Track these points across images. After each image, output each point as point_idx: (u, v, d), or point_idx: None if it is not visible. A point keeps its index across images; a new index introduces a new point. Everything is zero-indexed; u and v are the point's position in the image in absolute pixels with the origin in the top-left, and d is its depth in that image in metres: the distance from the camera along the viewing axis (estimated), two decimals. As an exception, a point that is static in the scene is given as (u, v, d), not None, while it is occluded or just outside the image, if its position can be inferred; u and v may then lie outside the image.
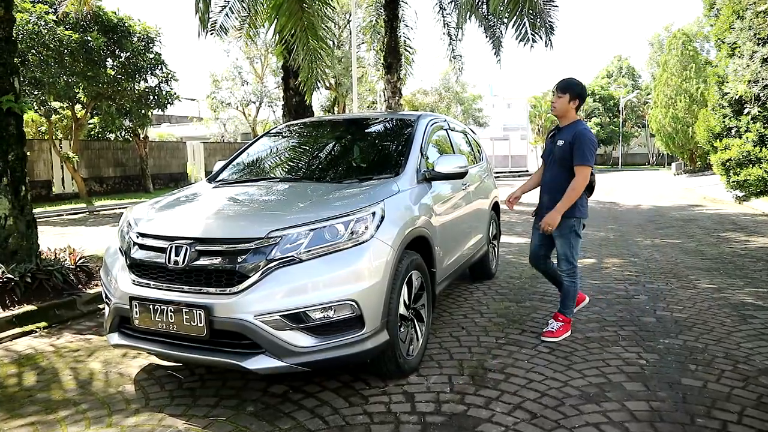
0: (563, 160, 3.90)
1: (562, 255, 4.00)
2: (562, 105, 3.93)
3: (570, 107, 3.92)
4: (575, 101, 3.91)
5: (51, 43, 14.12)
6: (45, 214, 13.96)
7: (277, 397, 3.07)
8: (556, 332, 3.97)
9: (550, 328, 4.00)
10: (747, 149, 14.30)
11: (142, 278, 3.00)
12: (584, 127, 3.90)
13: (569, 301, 4.06)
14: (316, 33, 7.64)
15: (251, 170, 4.36)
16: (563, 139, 3.90)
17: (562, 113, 3.97)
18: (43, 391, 3.24)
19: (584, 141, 3.79)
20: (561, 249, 4.01)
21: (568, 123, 3.96)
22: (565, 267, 4.02)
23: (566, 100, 3.91)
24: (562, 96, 3.92)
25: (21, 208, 5.16)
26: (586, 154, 3.79)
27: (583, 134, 3.81)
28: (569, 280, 4.04)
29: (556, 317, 4.08)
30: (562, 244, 3.99)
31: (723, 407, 2.90)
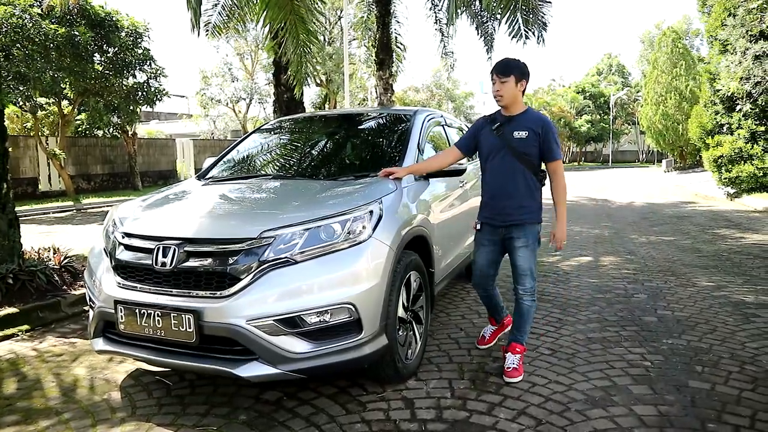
0: (526, 155, 3.22)
1: (527, 270, 3.27)
2: (509, 90, 3.20)
3: (519, 91, 3.23)
4: (522, 82, 3.23)
5: (36, 37, 13.83)
6: (31, 212, 13.69)
7: (270, 405, 2.94)
8: (519, 368, 3.24)
9: (512, 365, 3.24)
10: (739, 146, 14.32)
11: (128, 281, 2.85)
12: (543, 114, 3.36)
13: (527, 326, 3.36)
14: (306, 26, 7.50)
15: (242, 167, 4.21)
16: (524, 129, 3.21)
17: (510, 100, 3.23)
18: (24, 399, 3.08)
19: (554, 132, 3.24)
20: (525, 263, 3.27)
21: (519, 111, 3.28)
22: (530, 285, 3.29)
23: (512, 84, 3.19)
24: (506, 80, 3.18)
25: (2, 206, 4.98)
26: (558, 146, 3.25)
27: (551, 124, 3.26)
28: (530, 300, 3.32)
29: (513, 349, 3.30)
30: (527, 256, 3.27)
31: (734, 411, 2.80)
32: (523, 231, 3.26)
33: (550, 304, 4.79)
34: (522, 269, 3.28)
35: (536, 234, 3.31)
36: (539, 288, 5.35)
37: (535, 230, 3.30)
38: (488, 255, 3.41)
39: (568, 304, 4.77)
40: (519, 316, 3.35)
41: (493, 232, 3.35)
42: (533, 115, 3.28)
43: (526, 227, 3.26)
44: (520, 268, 3.28)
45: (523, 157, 3.22)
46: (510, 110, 3.29)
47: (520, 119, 3.25)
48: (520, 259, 3.27)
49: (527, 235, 3.26)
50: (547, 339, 3.90)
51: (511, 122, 3.26)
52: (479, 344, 3.72)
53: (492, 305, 3.67)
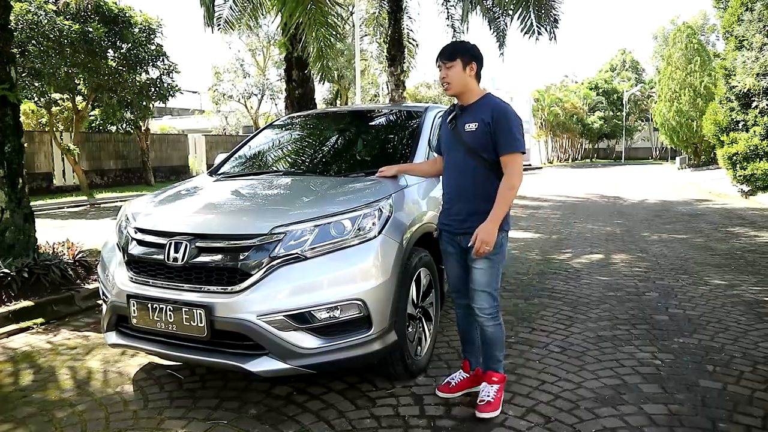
0: (479, 150, 2.75)
1: (484, 286, 2.76)
2: (456, 76, 2.78)
3: (468, 76, 2.79)
4: (473, 66, 2.79)
5: (51, 33, 13.96)
6: (45, 206, 13.85)
7: (280, 399, 2.96)
8: (495, 401, 2.77)
9: (487, 398, 2.78)
10: (754, 143, 14.15)
11: (141, 275, 2.88)
12: (500, 100, 2.83)
13: (499, 351, 2.86)
14: (326, 21, 7.48)
15: (254, 163, 4.23)
16: (474, 120, 2.76)
17: (460, 87, 2.80)
18: (39, 391, 3.13)
19: (511, 119, 2.70)
20: (481, 277, 2.76)
21: (474, 99, 2.83)
22: (486, 303, 2.77)
23: (459, 68, 2.77)
24: (452, 64, 2.77)
25: (18, 201, 5.05)
26: (517, 137, 2.69)
27: (506, 110, 2.73)
28: (493, 323, 2.80)
29: (489, 378, 2.85)
30: (486, 270, 2.75)
31: (746, 411, 2.78)
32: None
33: (560, 301, 4.78)
34: (478, 284, 2.78)
35: (500, 243, 2.76)
36: (550, 285, 5.34)
37: (499, 239, 2.74)
38: (457, 264, 2.94)
39: (579, 302, 4.75)
40: (483, 342, 2.89)
41: (453, 239, 2.89)
42: (488, 103, 2.79)
43: None
44: (475, 283, 2.78)
45: (475, 153, 2.76)
46: (464, 99, 2.86)
47: (474, 109, 2.81)
48: (475, 272, 2.78)
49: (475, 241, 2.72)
50: (557, 336, 3.89)
51: (464, 113, 2.85)
52: (439, 390, 3.00)
53: (466, 332, 3.06)
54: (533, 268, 6.12)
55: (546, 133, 48.04)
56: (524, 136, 2.80)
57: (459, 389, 2.99)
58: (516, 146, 2.69)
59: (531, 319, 4.31)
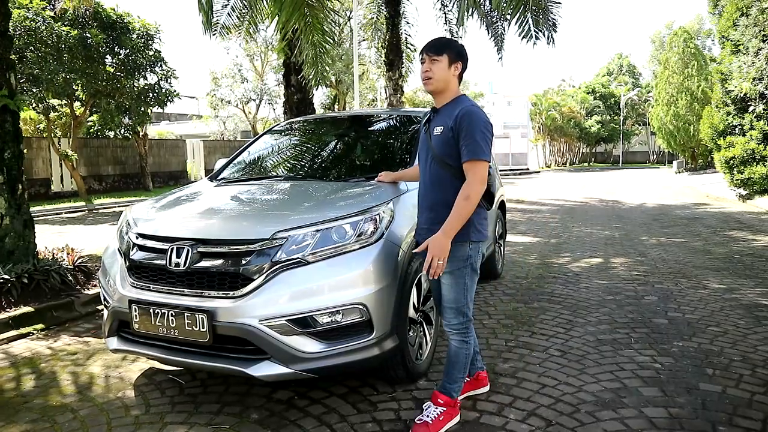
0: (445, 157, 2.59)
1: (451, 302, 2.64)
2: (440, 72, 2.60)
3: (452, 75, 2.63)
4: (457, 65, 2.63)
5: (49, 39, 13.98)
6: (44, 212, 13.84)
7: (282, 404, 2.97)
8: (433, 424, 2.60)
9: (425, 418, 2.64)
10: (751, 147, 14.21)
11: (142, 281, 2.89)
12: (471, 103, 2.62)
13: (457, 372, 2.71)
14: (322, 27, 7.52)
15: (254, 168, 4.25)
16: (441, 124, 2.61)
17: (442, 84, 2.63)
18: (40, 397, 3.13)
19: (474, 122, 2.49)
20: (449, 292, 2.64)
21: (448, 101, 2.66)
22: (454, 319, 2.65)
23: (445, 65, 2.60)
24: (438, 58, 2.60)
25: (18, 207, 5.05)
26: (479, 143, 2.48)
27: (471, 112, 2.52)
28: (459, 339, 2.69)
29: (435, 398, 2.71)
30: (452, 284, 2.62)
31: (745, 414, 2.79)
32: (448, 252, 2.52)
33: (560, 305, 4.79)
34: (445, 299, 2.67)
35: (464, 257, 2.60)
36: (550, 289, 5.35)
37: (463, 252, 2.59)
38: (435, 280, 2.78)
39: (578, 306, 4.77)
40: (447, 358, 2.75)
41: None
42: (456, 105, 2.61)
43: (451, 247, 2.51)
44: (444, 299, 2.68)
45: (443, 163, 2.60)
46: (440, 99, 2.69)
47: (442, 112, 2.66)
48: (443, 287, 2.66)
49: (451, 259, 2.54)
50: (557, 340, 3.91)
51: (435, 116, 2.71)
52: None
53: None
54: (532, 272, 6.13)
55: (543, 137, 48.15)
56: (491, 143, 2.56)
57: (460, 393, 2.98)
58: (475, 153, 2.47)
59: (531, 322, 4.32)
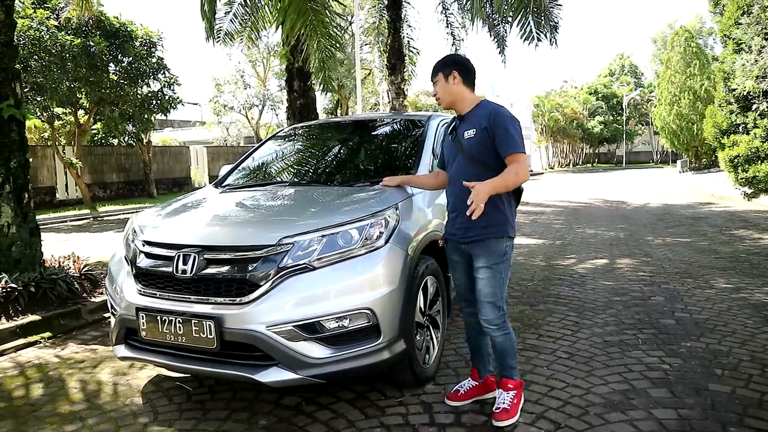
0: (480, 155, 2.76)
1: (488, 296, 2.75)
2: (442, 89, 2.85)
3: (454, 86, 2.83)
4: (454, 75, 2.82)
5: (53, 48, 14.06)
6: (49, 220, 13.89)
7: (290, 410, 2.97)
8: (512, 408, 2.78)
9: (503, 405, 2.78)
10: (755, 145, 14.15)
11: (149, 288, 2.90)
12: (497, 104, 2.85)
13: (511, 359, 2.86)
14: (327, 32, 7.53)
15: (259, 174, 4.25)
16: (472, 126, 2.78)
17: (449, 98, 2.86)
18: (48, 405, 3.14)
19: (507, 120, 2.71)
20: (485, 287, 2.75)
21: (470, 107, 2.86)
22: (493, 315, 2.76)
23: (442, 81, 2.84)
24: (436, 79, 2.87)
25: (24, 215, 5.07)
26: (515, 137, 2.68)
27: (502, 113, 2.74)
28: (500, 333, 2.80)
29: (504, 385, 2.85)
30: (490, 278, 2.74)
31: (756, 414, 2.78)
32: (485, 248, 2.73)
33: (566, 307, 4.78)
34: (483, 295, 2.77)
35: (502, 252, 2.76)
36: (556, 291, 5.34)
37: (500, 248, 2.74)
38: (464, 274, 2.94)
39: (585, 307, 4.75)
40: (494, 351, 2.91)
41: (459, 249, 2.90)
42: (484, 109, 2.81)
43: (488, 244, 2.72)
44: (480, 294, 2.78)
45: (476, 159, 2.77)
46: (459, 109, 2.90)
47: (470, 116, 2.84)
48: (480, 282, 2.77)
49: (489, 254, 2.72)
50: (564, 342, 3.89)
51: (462, 121, 2.88)
52: (449, 398, 3.00)
53: (476, 343, 3.06)
54: (538, 274, 6.12)
55: (546, 138, 48.11)
56: (523, 140, 2.78)
57: (468, 397, 2.99)
58: (514, 147, 2.67)
59: (537, 325, 4.31)
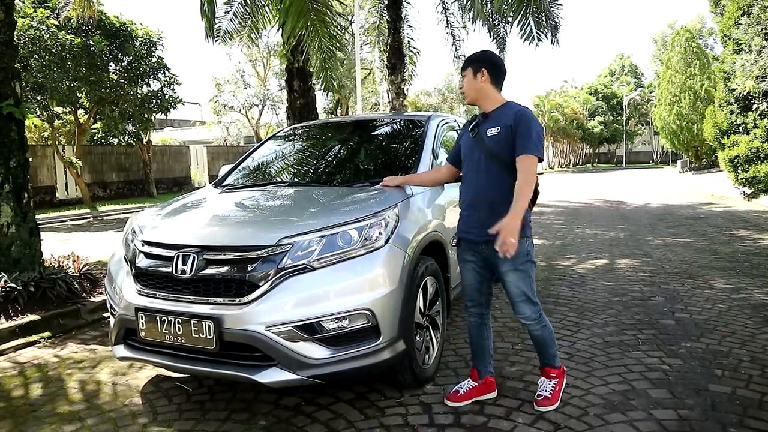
0: (502, 154, 2.77)
1: (520, 296, 2.83)
2: (469, 84, 2.88)
3: (481, 83, 2.85)
4: (483, 73, 2.83)
5: (53, 47, 14.06)
6: (49, 220, 13.88)
7: (289, 410, 2.96)
8: (553, 395, 2.90)
9: (545, 393, 2.91)
10: (755, 145, 14.14)
11: (148, 288, 2.89)
12: (524, 106, 2.86)
13: (550, 349, 2.97)
14: (329, 31, 7.51)
15: (258, 174, 4.25)
16: (497, 125, 2.80)
17: (473, 94, 2.90)
18: (48, 405, 3.13)
19: (530, 124, 2.72)
20: (515, 287, 2.82)
21: (495, 106, 2.88)
22: (530, 311, 2.85)
23: (470, 76, 2.87)
24: (465, 73, 2.90)
25: (23, 215, 5.07)
26: (534, 141, 2.69)
27: (526, 115, 2.75)
28: (537, 326, 2.90)
29: (547, 374, 2.98)
30: (519, 278, 2.81)
31: (756, 415, 2.77)
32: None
33: (566, 307, 4.77)
34: (514, 295, 2.85)
35: (525, 251, 2.80)
36: (555, 291, 5.33)
37: (522, 248, 2.73)
38: (475, 275, 2.97)
39: (585, 308, 4.75)
40: (536, 345, 3.02)
41: (473, 248, 2.92)
42: (510, 109, 2.83)
43: None
44: (512, 295, 2.86)
45: (498, 158, 2.78)
46: (483, 106, 2.93)
47: (495, 115, 2.86)
48: (509, 284, 2.84)
49: (514, 256, 2.65)
50: (564, 343, 3.89)
51: (486, 120, 2.90)
52: (448, 399, 2.99)
53: (479, 343, 3.07)
54: (538, 275, 6.10)
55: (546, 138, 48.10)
56: (543, 145, 2.81)
57: (468, 398, 2.99)
58: (530, 149, 2.68)
59: (537, 325, 4.30)
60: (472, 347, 3.13)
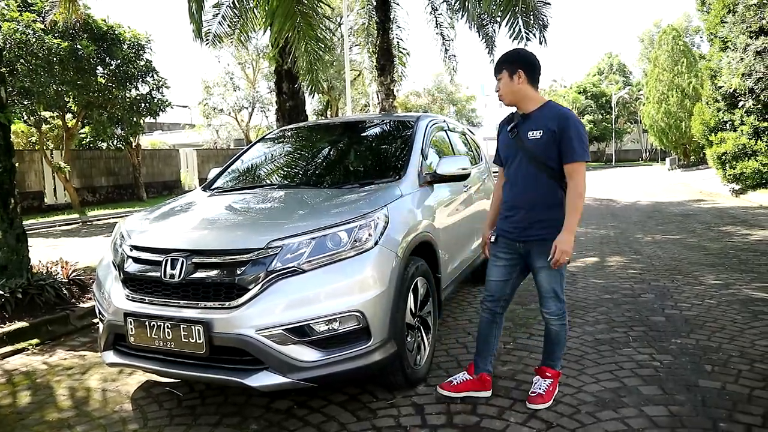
0: (544, 158, 2.78)
1: (551, 291, 2.90)
2: (506, 87, 2.82)
3: (519, 84, 2.80)
4: (519, 74, 2.79)
5: (40, 51, 13.93)
6: (37, 225, 13.76)
7: (281, 414, 2.95)
8: (546, 394, 2.95)
9: (538, 390, 2.96)
10: (742, 142, 14.30)
11: (137, 293, 2.87)
12: (565, 107, 2.85)
13: (560, 351, 3.04)
14: (315, 34, 7.51)
15: (247, 177, 4.23)
16: (538, 128, 2.77)
17: (514, 97, 2.84)
18: (36, 413, 3.10)
19: (577, 127, 2.72)
20: (548, 283, 2.89)
21: (535, 107, 2.83)
22: (555, 307, 2.92)
23: (506, 79, 2.81)
24: (500, 76, 2.83)
25: (10, 221, 5.01)
26: (584, 146, 2.72)
27: (572, 118, 2.75)
28: (559, 324, 2.96)
29: (543, 373, 3.02)
30: (552, 276, 2.87)
31: (745, 410, 2.79)
32: (545, 248, 2.79)
33: (557, 306, 4.78)
34: (545, 290, 2.92)
35: None
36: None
37: None
38: (503, 272, 3.02)
39: (575, 306, 4.77)
40: (548, 341, 3.03)
41: (510, 247, 2.97)
42: (552, 111, 2.80)
43: (547, 243, 2.78)
44: (543, 290, 2.93)
45: (539, 160, 2.78)
46: (522, 108, 2.87)
47: (536, 116, 2.81)
48: (541, 280, 2.91)
49: (549, 253, 2.77)
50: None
51: (526, 121, 2.85)
52: (441, 387, 3.09)
53: (485, 339, 3.11)
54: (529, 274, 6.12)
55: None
56: (588, 144, 2.81)
57: (460, 390, 3.04)
58: (579, 155, 2.71)
59: (529, 324, 4.32)
60: (477, 341, 3.16)
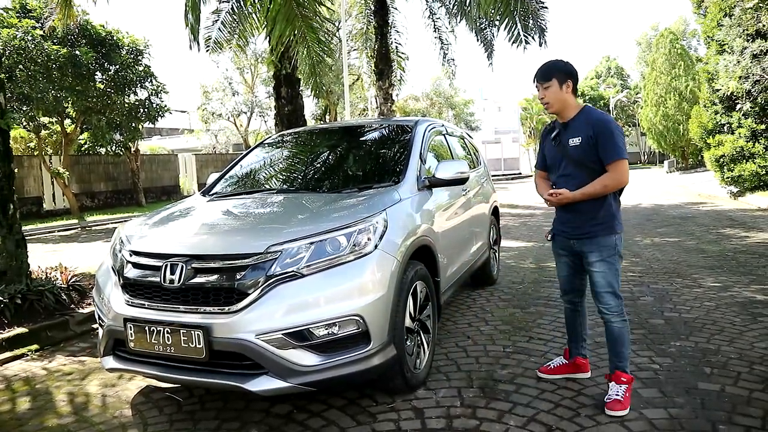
0: (586, 161, 2.96)
1: (606, 287, 2.98)
2: (555, 95, 2.97)
3: (565, 94, 2.97)
4: (568, 83, 2.97)
5: (38, 58, 13.97)
6: (36, 231, 13.75)
7: (281, 418, 2.95)
8: (624, 400, 2.88)
9: (615, 396, 2.90)
10: (740, 145, 14.33)
11: (137, 298, 2.87)
12: (600, 112, 3.03)
13: (626, 349, 3.03)
14: (317, 37, 7.52)
15: (246, 182, 4.24)
16: (578, 134, 2.95)
17: (559, 105, 3.00)
18: (36, 419, 3.10)
19: (613, 129, 2.89)
20: (603, 279, 2.97)
21: (574, 114, 3.01)
22: (612, 302, 2.98)
23: (556, 88, 2.96)
24: (549, 84, 2.97)
25: (9, 227, 5.02)
26: (619, 145, 2.89)
27: (606, 121, 2.92)
28: (619, 320, 3.00)
29: (617, 378, 2.97)
30: (605, 271, 2.97)
31: (745, 412, 2.80)
32: (596, 244, 2.96)
33: (556, 309, 4.79)
34: (599, 286, 3.00)
35: (613, 246, 2.97)
36: (546, 293, 5.36)
37: (611, 242, 2.96)
38: (567, 266, 3.22)
39: (575, 309, 4.76)
40: (610, 340, 3.05)
41: (566, 243, 3.14)
42: (588, 117, 2.97)
43: (598, 240, 2.95)
44: (597, 285, 3.01)
45: (582, 164, 2.96)
46: (563, 116, 3.04)
47: (574, 124, 3.00)
48: (596, 275, 3.00)
49: (601, 249, 2.95)
50: (555, 345, 3.91)
51: (567, 129, 3.03)
52: (541, 371, 3.35)
53: (572, 328, 3.34)
54: (528, 277, 6.14)
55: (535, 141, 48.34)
56: (625, 143, 2.97)
57: (557, 372, 3.31)
58: (618, 154, 2.88)
59: (528, 327, 4.32)
60: (567, 329, 3.42)
